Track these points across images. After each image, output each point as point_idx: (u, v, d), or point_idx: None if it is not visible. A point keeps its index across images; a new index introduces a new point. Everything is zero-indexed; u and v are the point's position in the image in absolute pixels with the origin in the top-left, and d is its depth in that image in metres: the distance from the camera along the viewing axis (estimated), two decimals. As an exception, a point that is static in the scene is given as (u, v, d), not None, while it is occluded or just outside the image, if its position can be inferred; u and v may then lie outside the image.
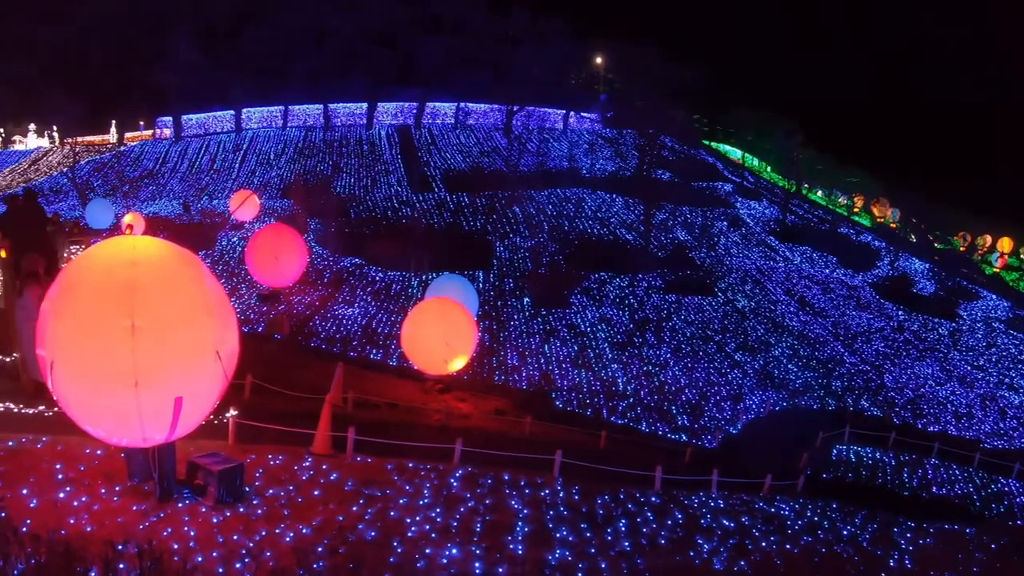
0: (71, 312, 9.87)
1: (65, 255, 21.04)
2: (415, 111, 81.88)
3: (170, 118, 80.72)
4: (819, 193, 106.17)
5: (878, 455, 34.70)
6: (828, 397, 41.82)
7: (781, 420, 37.91)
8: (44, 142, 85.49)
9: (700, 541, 14.76)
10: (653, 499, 17.42)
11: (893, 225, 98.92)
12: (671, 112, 75.86)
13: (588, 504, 15.69)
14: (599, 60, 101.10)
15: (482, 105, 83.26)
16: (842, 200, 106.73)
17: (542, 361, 37.41)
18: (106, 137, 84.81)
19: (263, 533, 10.63)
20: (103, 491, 11.27)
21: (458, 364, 25.85)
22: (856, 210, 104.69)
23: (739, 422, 36.58)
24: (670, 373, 39.43)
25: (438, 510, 13.14)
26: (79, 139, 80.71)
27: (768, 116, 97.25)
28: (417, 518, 12.47)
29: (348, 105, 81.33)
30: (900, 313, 59.50)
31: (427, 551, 11.10)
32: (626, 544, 13.51)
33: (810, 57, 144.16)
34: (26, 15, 77.37)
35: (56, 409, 11.34)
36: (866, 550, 17.51)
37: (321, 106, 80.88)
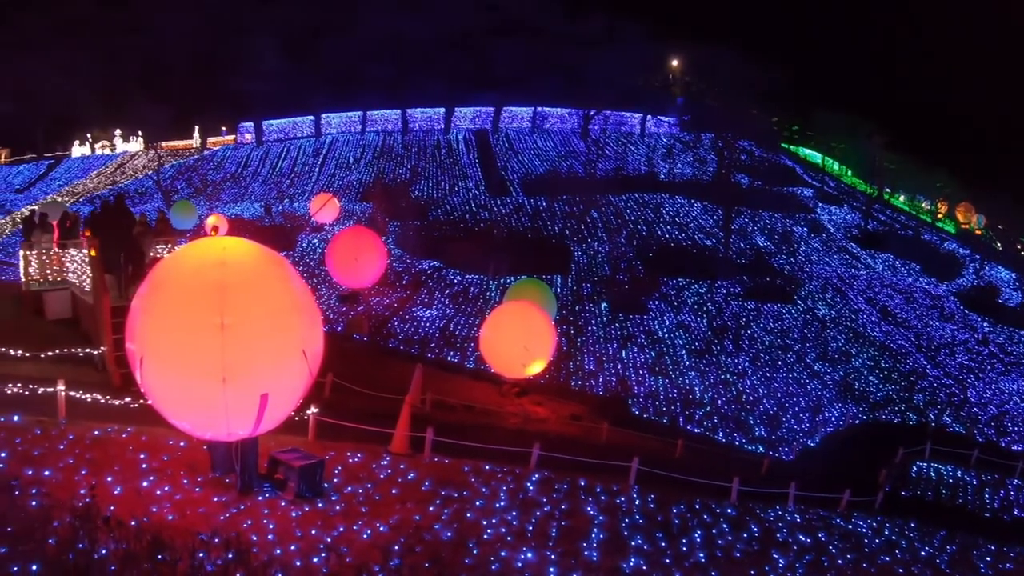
0: (161, 309, 10.19)
1: (152, 254, 21.70)
2: (492, 116, 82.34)
3: (252, 123, 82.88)
4: (902, 198, 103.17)
5: (959, 473, 33.41)
6: (909, 411, 40.64)
7: (860, 434, 36.99)
8: (130, 146, 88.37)
9: (776, 556, 14.49)
10: (729, 511, 17.18)
11: (978, 232, 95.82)
12: (749, 115, 74.66)
13: (663, 513, 15.55)
14: (675, 63, 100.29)
15: (559, 109, 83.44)
16: (925, 205, 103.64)
17: (619, 367, 37.22)
18: (189, 142, 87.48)
19: (340, 529, 10.77)
20: (185, 482, 11.56)
21: (536, 368, 25.91)
22: (940, 216, 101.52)
23: (817, 434, 35.83)
24: (748, 382, 38.83)
25: (514, 513, 13.14)
26: (164, 143, 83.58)
27: (849, 118, 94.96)
28: (493, 520, 12.49)
29: (425, 110, 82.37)
30: (985, 324, 57.50)
31: (502, 554, 11.10)
32: (701, 556, 13.33)
33: (891, 56, 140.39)
34: (114, 26, 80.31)
35: (141, 401, 11.65)
36: (944, 572, 17.00)
37: (399, 111, 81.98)
